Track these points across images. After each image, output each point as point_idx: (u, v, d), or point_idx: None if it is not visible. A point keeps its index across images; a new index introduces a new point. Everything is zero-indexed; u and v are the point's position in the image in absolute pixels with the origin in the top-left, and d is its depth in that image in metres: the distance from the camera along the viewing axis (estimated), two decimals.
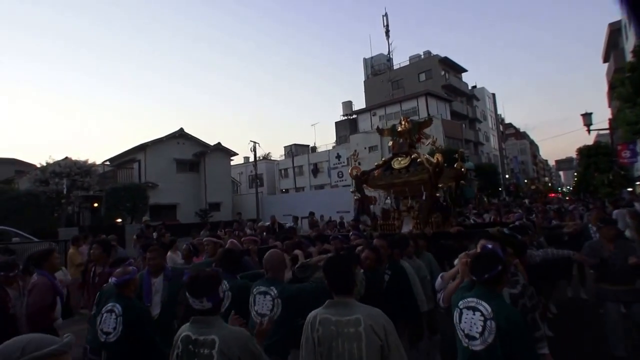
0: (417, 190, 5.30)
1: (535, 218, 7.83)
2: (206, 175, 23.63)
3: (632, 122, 7.02)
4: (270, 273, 2.72)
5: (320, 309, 2.04)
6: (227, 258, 3.21)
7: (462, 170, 5.82)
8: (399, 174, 5.34)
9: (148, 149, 22.03)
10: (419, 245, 4.27)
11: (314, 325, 1.99)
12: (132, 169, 22.54)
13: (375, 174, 5.70)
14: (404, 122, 5.80)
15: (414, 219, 5.34)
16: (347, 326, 1.90)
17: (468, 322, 2.07)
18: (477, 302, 2.07)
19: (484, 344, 1.98)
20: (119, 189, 18.46)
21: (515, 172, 50.48)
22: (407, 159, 5.43)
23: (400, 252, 3.76)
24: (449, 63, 35.02)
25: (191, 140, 24.02)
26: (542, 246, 5.07)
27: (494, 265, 2.10)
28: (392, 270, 3.51)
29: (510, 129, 62.55)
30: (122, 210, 18.08)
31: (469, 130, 34.95)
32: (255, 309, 2.57)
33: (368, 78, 39.27)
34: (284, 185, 37.07)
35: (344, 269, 2.09)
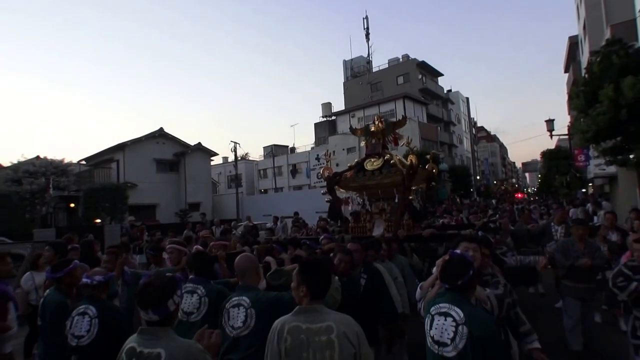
0: (390, 192, 5.18)
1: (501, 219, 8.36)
2: (186, 175, 23.64)
3: (585, 130, 7.79)
4: (242, 280, 2.52)
5: (288, 317, 1.90)
6: (199, 261, 2.97)
7: (433, 171, 5.76)
8: (372, 176, 5.19)
9: (127, 149, 21.79)
10: (392, 248, 4.21)
11: (281, 335, 1.84)
12: (110, 168, 22.22)
13: (348, 175, 5.51)
14: (378, 121, 5.61)
15: (385, 221, 5.21)
16: (318, 334, 1.78)
17: (439, 328, 2.01)
18: (449, 308, 2.01)
19: (455, 350, 1.93)
20: (98, 189, 18.16)
21: (486, 173, 52.63)
22: (380, 160, 5.25)
23: (375, 253, 3.72)
24: (426, 67, 36.13)
25: (171, 140, 23.93)
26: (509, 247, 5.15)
27: (466, 270, 2.05)
28: (367, 273, 3.42)
29: (482, 132, 65.04)
30: (101, 210, 17.77)
31: (444, 132, 36.23)
32: (231, 323, 2.35)
33: (347, 80, 39.87)
34: (263, 186, 37.19)
35: (324, 272, 1.98)
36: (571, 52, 25.02)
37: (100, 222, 17.23)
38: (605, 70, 7.14)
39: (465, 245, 2.50)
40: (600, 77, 7.22)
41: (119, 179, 21.28)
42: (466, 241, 2.56)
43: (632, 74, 6.46)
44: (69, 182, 18.38)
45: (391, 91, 33.57)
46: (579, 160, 17.98)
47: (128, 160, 21.67)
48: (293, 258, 3.71)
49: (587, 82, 7.74)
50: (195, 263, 2.96)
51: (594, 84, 7.43)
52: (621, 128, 7.10)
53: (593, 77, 7.54)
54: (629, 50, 7.28)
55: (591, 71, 7.72)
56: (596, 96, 7.24)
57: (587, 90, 7.59)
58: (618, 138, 7.94)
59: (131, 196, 19.61)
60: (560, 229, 5.80)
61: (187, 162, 23.91)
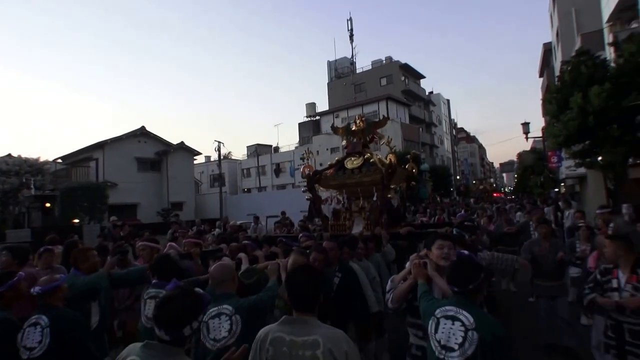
0: (369, 191, 5.18)
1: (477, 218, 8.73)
2: (168, 174, 23.41)
3: (557, 135, 8.26)
4: (218, 289, 2.40)
5: (274, 326, 1.81)
6: (162, 264, 2.85)
7: (413, 171, 5.80)
8: (352, 174, 5.21)
9: (107, 147, 21.41)
10: (368, 247, 4.18)
11: (263, 344, 1.76)
12: (89, 167, 21.70)
13: (328, 173, 5.52)
14: (359, 121, 5.65)
15: (365, 219, 5.24)
16: (302, 348, 1.67)
17: (446, 332, 1.92)
18: (457, 312, 1.92)
19: (462, 355, 1.84)
20: (76, 188, 17.68)
21: (466, 173, 53.96)
22: (360, 159, 5.28)
23: (350, 251, 3.68)
24: (408, 69, 36.76)
25: (153, 139, 23.56)
26: (485, 245, 5.48)
27: (477, 273, 1.98)
28: (342, 272, 3.38)
29: (462, 133, 66.63)
30: (79, 210, 17.32)
31: (426, 133, 36.96)
32: (212, 336, 2.23)
33: (332, 80, 40.07)
34: (246, 185, 37.05)
35: (310, 282, 1.85)
36: (545, 58, 26.10)
37: (78, 222, 16.82)
38: (575, 79, 7.60)
39: (440, 243, 2.48)
40: (570, 85, 7.69)
41: (98, 178, 20.88)
42: (441, 239, 2.54)
43: (599, 83, 6.89)
44: (44, 181, 17.82)
45: (374, 92, 34.00)
46: (552, 162, 18.79)
47: (108, 159, 21.28)
48: (268, 255, 3.62)
49: (559, 89, 8.20)
50: (158, 266, 2.81)
51: (565, 92, 7.88)
52: (589, 133, 7.55)
53: (564, 85, 8.01)
54: (596, 60, 7.76)
55: (562, 79, 8.20)
56: (567, 103, 7.67)
57: (558, 97, 8.05)
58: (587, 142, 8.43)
59: (111, 196, 19.28)
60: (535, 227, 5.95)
61: (169, 161, 23.64)
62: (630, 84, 6.64)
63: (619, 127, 6.88)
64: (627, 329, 2.86)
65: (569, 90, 7.64)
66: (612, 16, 13.13)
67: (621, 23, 13.35)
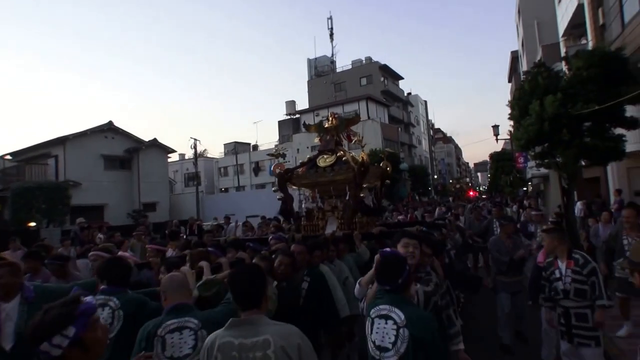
0: (342, 190, 5.06)
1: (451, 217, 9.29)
2: (140, 173, 22.08)
3: (519, 138, 8.93)
4: (171, 300, 2.12)
5: (221, 331, 1.71)
6: (111, 268, 2.57)
7: (387, 169, 5.69)
8: (324, 173, 5.06)
9: (68, 143, 19.66)
10: (340, 248, 4.10)
11: (210, 353, 1.67)
12: (47, 165, 19.75)
13: (300, 171, 5.37)
14: (332, 118, 5.54)
15: (338, 219, 5.13)
16: (252, 350, 1.60)
17: (380, 332, 1.90)
18: (389, 310, 1.91)
19: (396, 354, 1.83)
20: (32, 188, 15.79)
21: (443, 173, 55.50)
22: (333, 157, 5.15)
23: (322, 253, 3.55)
24: (388, 70, 37.48)
25: (122, 135, 22.11)
26: (457, 243, 5.65)
27: (403, 267, 1.99)
28: (310, 276, 3.27)
29: (439, 134, 68.38)
30: (35, 212, 15.56)
31: (404, 133, 37.87)
32: (169, 353, 1.98)
33: (312, 79, 40.32)
34: (224, 184, 36.61)
35: (252, 278, 1.79)
36: (513, 64, 27.48)
37: (34, 225, 15.32)
38: (533, 89, 8.28)
39: (406, 242, 2.50)
40: (529, 94, 8.37)
41: (57, 176, 19.16)
42: (407, 237, 2.55)
43: (553, 93, 7.59)
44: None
45: (354, 92, 34.51)
46: (519, 163, 20.01)
47: (70, 156, 19.57)
48: (234, 262, 3.36)
49: (520, 97, 8.87)
50: (106, 271, 2.54)
51: (525, 100, 8.54)
52: (546, 137, 8.22)
53: (523, 94, 8.69)
54: (551, 72, 8.51)
55: (522, 88, 8.89)
56: (527, 110, 8.32)
57: (520, 104, 8.72)
58: (545, 145, 9.14)
59: (74, 196, 17.68)
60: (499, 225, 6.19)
61: (141, 159, 22.23)
62: (577, 94, 7.39)
63: (569, 133, 7.57)
64: (573, 313, 3.12)
65: (529, 99, 8.30)
66: (566, 31, 14.33)
67: (574, 38, 14.59)
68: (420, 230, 4.13)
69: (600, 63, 7.46)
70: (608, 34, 10.79)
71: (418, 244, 2.52)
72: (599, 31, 11.27)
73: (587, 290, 3.09)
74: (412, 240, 2.52)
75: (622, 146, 7.88)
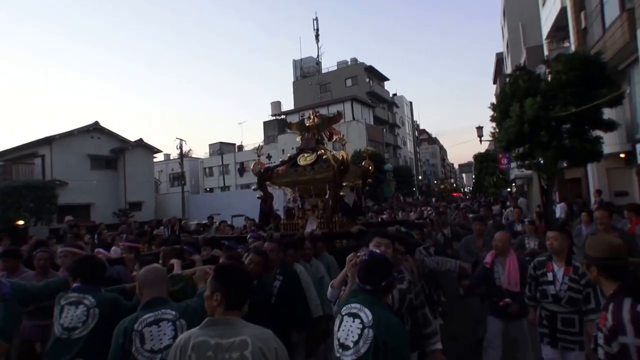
0: (322, 189, 5.02)
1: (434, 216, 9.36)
2: (126, 173, 22.47)
3: (500, 140, 9.09)
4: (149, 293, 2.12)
5: (196, 330, 1.66)
6: (85, 265, 2.52)
7: (369, 168, 5.62)
8: (304, 171, 5.00)
9: (55, 143, 19.95)
10: (318, 246, 4.05)
11: (184, 352, 1.59)
12: (34, 164, 20.12)
13: (280, 170, 5.32)
14: (313, 116, 5.50)
15: (318, 218, 5.09)
16: (229, 351, 1.55)
17: (346, 330, 1.88)
18: (359, 309, 1.88)
19: (356, 354, 1.79)
20: (20, 187, 16.32)
21: (427, 173, 56.18)
22: (314, 155, 5.09)
23: (295, 252, 3.49)
24: (373, 71, 37.68)
25: (108, 135, 22.47)
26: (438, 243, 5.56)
27: (390, 271, 1.98)
28: (283, 275, 3.21)
29: (424, 135, 69.23)
30: (23, 211, 16.07)
31: (389, 134, 38.16)
32: (147, 347, 1.96)
33: (297, 80, 40.23)
34: (208, 184, 36.52)
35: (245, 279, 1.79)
36: (498, 66, 27.96)
37: (23, 224, 15.70)
38: (514, 92, 8.43)
39: (377, 241, 2.44)
40: (510, 97, 8.51)
41: (44, 176, 19.44)
42: (379, 237, 2.49)
43: (532, 95, 7.74)
44: None
45: (340, 93, 34.59)
46: (502, 164, 20.29)
47: (56, 155, 19.86)
48: (208, 259, 3.35)
49: (502, 99, 9.03)
50: (80, 268, 2.49)
51: (506, 102, 8.69)
52: (525, 139, 8.38)
53: (505, 96, 8.84)
54: (532, 75, 8.68)
55: (504, 91, 9.05)
56: (508, 112, 8.46)
57: (501, 107, 8.87)
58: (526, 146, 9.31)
59: (61, 195, 18.14)
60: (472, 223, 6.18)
61: (126, 158, 22.67)
62: (556, 97, 7.55)
63: (548, 134, 7.73)
64: (560, 318, 3.03)
65: (510, 101, 8.45)
66: (550, 34, 14.57)
67: (557, 41, 14.84)
68: (398, 230, 4.10)
69: (579, 67, 7.63)
70: (590, 37, 10.98)
71: (390, 244, 2.46)
72: (581, 34, 11.49)
73: (580, 300, 3.01)
74: (384, 240, 2.46)
75: (600, 147, 8.09)
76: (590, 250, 1.97)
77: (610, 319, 1.74)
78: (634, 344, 1.64)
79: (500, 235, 3.67)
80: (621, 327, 1.68)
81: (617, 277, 1.85)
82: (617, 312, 1.73)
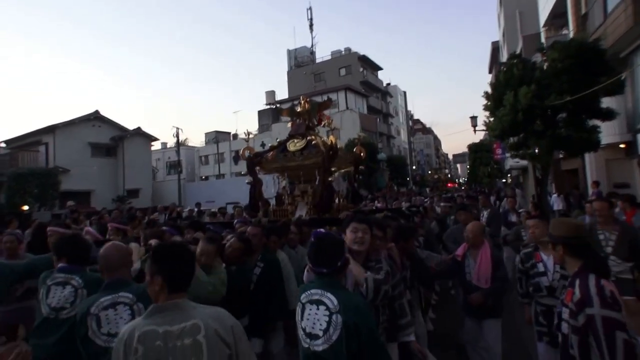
0: (312, 174, 4.93)
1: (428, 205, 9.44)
2: (124, 160, 22.97)
3: (493, 128, 9.14)
4: (110, 275, 2.04)
5: (139, 320, 1.48)
6: (71, 245, 2.46)
7: (361, 154, 5.54)
8: (293, 157, 4.97)
9: (58, 131, 20.50)
10: (304, 232, 3.95)
11: (129, 346, 1.41)
12: (38, 152, 20.67)
13: (269, 156, 5.27)
14: (304, 101, 5.42)
15: (307, 204, 5.01)
16: (181, 337, 1.40)
17: (311, 318, 1.76)
18: (321, 294, 1.77)
19: (327, 342, 1.69)
20: (25, 174, 16.93)
21: (421, 164, 56.32)
22: (303, 141, 5.03)
23: (279, 239, 3.38)
24: (367, 61, 37.37)
25: (108, 124, 22.98)
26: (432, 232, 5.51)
27: (341, 249, 1.89)
28: (264, 262, 3.12)
29: (418, 125, 69.21)
30: (28, 196, 16.64)
31: (383, 124, 38.04)
32: (104, 330, 1.89)
33: (291, 69, 39.84)
34: (204, 172, 36.55)
35: (184, 256, 1.58)
36: (494, 55, 27.80)
37: (28, 209, 16.31)
38: (508, 80, 8.43)
39: (354, 226, 2.27)
40: (504, 85, 8.51)
41: (48, 163, 19.99)
42: (355, 222, 2.31)
43: (527, 84, 7.74)
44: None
45: (334, 82, 34.36)
46: (497, 154, 20.31)
47: (59, 143, 20.43)
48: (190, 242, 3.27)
49: (495, 88, 9.03)
50: (66, 248, 2.42)
51: (500, 90, 8.70)
52: (520, 128, 8.42)
53: (499, 85, 8.84)
54: (526, 64, 8.66)
55: (498, 79, 9.04)
56: (502, 101, 8.48)
57: (495, 95, 8.87)
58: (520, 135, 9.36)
59: (63, 182, 18.67)
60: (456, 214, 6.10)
61: (125, 146, 23.11)
62: (551, 85, 7.54)
63: (543, 124, 7.75)
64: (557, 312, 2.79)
65: (503, 90, 8.45)
66: (547, 21, 14.35)
67: (555, 28, 14.63)
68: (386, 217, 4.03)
69: (576, 54, 7.49)
70: (590, 23, 10.59)
71: (368, 229, 2.28)
72: (581, 21, 11.09)
73: None
74: (362, 225, 2.27)
75: (597, 137, 7.97)
76: (555, 230, 2.08)
77: (578, 293, 1.83)
78: (600, 314, 1.72)
79: (472, 226, 3.43)
80: (588, 299, 1.77)
81: (580, 255, 1.96)
82: (584, 287, 1.82)
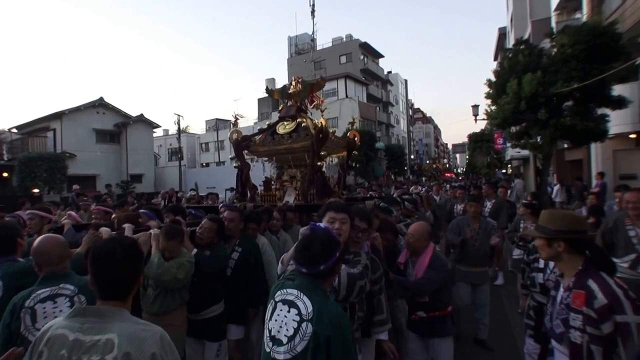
0: (301, 159, 4.76)
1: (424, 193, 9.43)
2: (127, 146, 23.45)
3: (494, 117, 8.98)
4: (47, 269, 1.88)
5: (60, 320, 1.29)
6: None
7: (355, 139, 5.32)
8: (282, 140, 4.74)
9: (64, 117, 21.11)
10: (287, 217, 3.83)
11: (37, 345, 1.25)
12: (46, 137, 21.39)
13: (257, 139, 5.06)
14: (295, 82, 5.14)
15: (296, 190, 4.83)
16: (89, 352, 1.19)
17: (279, 320, 1.55)
18: (297, 296, 1.55)
19: (290, 352, 1.47)
20: (35, 158, 17.58)
21: (420, 153, 56.24)
22: (293, 123, 4.81)
23: (257, 226, 3.25)
24: (368, 48, 36.91)
25: (112, 110, 23.46)
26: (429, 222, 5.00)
27: (331, 252, 1.60)
28: (242, 247, 3.00)
29: (418, 114, 68.82)
30: (38, 180, 17.30)
31: (382, 112, 37.79)
32: (38, 325, 1.74)
33: (292, 56, 39.39)
34: (205, 159, 36.80)
35: (122, 258, 1.33)
36: (500, 42, 27.16)
37: (38, 192, 16.95)
38: (513, 66, 8.22)
39: (331, 216, 2.04)
40: (508, 72, 8.31)
41: (55, 148, 20.58)
42: (332, 211, 2.06)
43: (533, 71, 7.54)
44: (1, 151, 17.99)
45: (334, 70, 33.98)
46: (497, 144, 20.04)
47: (66, 129, 21.03)
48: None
49: (499, 75, 8.83)
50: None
51: (504, 77, 8.51)
52: (522, 117, 8.28)
53: (503, 72, 8.64)
54: (533, 50, 8.41)
55: (502, 66, 8.84)
56: (505, 88, 8.31)
57: (497, 82, 8.68)
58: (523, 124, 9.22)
59: (70, 167, 19.37)
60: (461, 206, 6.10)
61: (128, 133, 23.64)
62: (558, 72, 7.30)
63: (547, 112, 7.56)
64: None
65: (507, 77, 8.25)
66: (559, 5, 13.73)
67: (568, 12, 13.91)
68: (377, 205, 3.88)
69: (587, 39, 7.01)
70: (606, 6, 9.98)
71: (347, 218, 2.05)
72: (596, 3, 10.34)
73: None
74: (340, 214, 2.04)
75: (604, 126, 7.60)
76: (551, 224, 1.77)
77: (600, 297, 1.53)
78: (635, 322, 1.45)
79: (414, 229, 2.81)
80: (617, 305, 1.49)
81: (583, 251, 1.73)
82: (606, 289, 1.53)
